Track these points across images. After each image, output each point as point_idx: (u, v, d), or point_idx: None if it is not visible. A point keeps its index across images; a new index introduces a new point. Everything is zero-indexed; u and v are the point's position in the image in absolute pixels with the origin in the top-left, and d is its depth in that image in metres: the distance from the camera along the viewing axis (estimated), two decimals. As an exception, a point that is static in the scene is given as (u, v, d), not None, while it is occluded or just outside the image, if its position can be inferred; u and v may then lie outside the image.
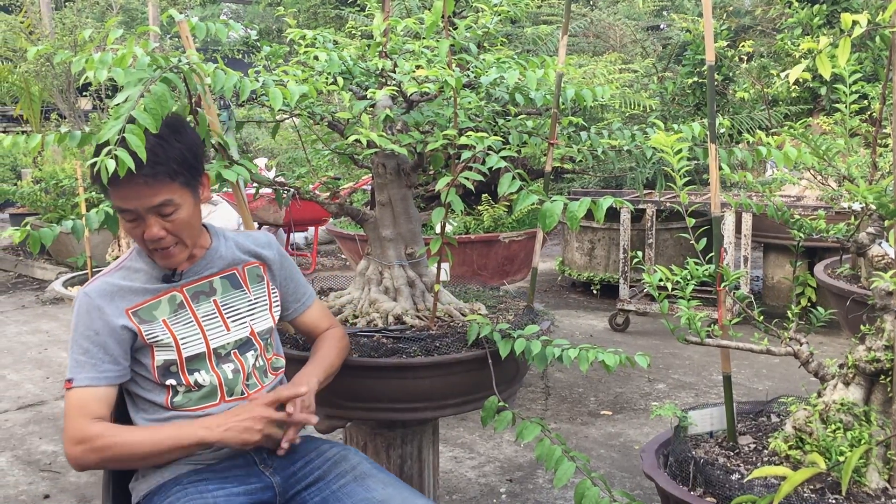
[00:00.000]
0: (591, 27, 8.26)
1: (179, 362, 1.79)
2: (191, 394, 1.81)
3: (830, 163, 2.49)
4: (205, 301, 1.85)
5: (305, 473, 1.86)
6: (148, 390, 1.81)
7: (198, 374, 1.81)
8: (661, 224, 5.88)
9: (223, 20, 2.01)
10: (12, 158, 10.38)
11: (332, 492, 1.82)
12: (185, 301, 1.83)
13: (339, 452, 1.90)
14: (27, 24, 9.25)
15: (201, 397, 1.82)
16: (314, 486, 1.84)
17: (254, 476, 1.82)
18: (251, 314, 1.91)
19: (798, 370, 2.12)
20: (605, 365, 1.98)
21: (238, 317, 1.89)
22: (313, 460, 1.88)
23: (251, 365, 1.88)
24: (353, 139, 2.05)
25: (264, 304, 1.94)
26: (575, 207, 1.83)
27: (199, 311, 1.84)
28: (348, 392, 2.12)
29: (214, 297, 1.87)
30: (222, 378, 1.83)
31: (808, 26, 5.91)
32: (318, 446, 1.92)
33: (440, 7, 2.00)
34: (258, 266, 1.97)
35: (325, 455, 1.89)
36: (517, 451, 3.56)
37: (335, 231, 4.96)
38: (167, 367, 1.79)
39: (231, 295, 1.89)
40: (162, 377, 1.79)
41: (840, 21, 1.73)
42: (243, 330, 1.88)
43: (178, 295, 1.83)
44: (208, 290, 1.87)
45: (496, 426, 2.05)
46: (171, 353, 1.78)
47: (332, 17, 10.19)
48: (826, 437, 1.88)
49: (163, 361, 1.78)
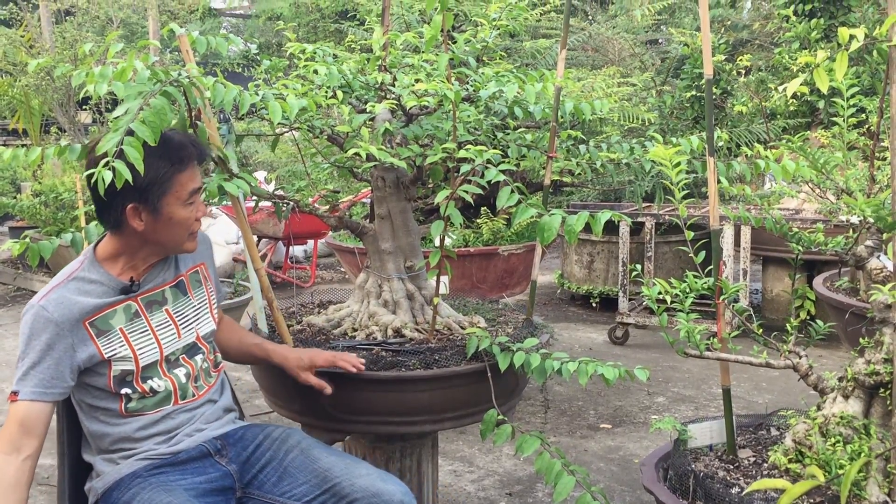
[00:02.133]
0: (589, 41, 8.29)
1: (136, 372, 1.84)
2: (146, 399, 1.87)
3: (829, 176, 2.50)
4: (157, 310, 1.91)
5: (258, 457, 1.96)
6: (99, 399, 1.85)
7: (151, 381, 1.87)
8: (660, 237, 5.88)
9: (223, 34, 2.02)
10: (12, 172, 10.38)
11: (285, 468, 1.93)
12: (140, 310, 1.88)
13: (283, 432, 2.01)
14: (28, 38, 9.28)
15: (157, 402, 1.88)
16: (269, 467, 1.95)
17: (210, 466, 1.91)
18: (197, 319, 1.99)
19: (798, 383, 2.12)
20: (605, 378, 1.98)
21: (186, 323, 1.96)
22: (262, 443, 1.98)
23: (199, 367, 1.97)
24: (352, 152, 2.06)
25: (206, 307, 2.03)
26: (573, 221, 1.83)
27: (154, 320, 1.89)
28: (347, 405, 2.12)
29: (166, 306, 1.93)
30: (176, 383, 1.90)
31: (805, 40, 5.94)
32: (264, 429, 2.02)
33: (439, 21, 2.01)
34: (198, 269, 2.03)
35: (271, 436, 1.99)
36: (517, 464, 3.55)
37: (334, 244, 4.96)
38: (123, 377, 1.84)
39: (180, 302, 1.96)
40: (117, 387, 1.84)
41: (837, 35, 1.74)
42: (190, 335, 1.96)
43: (134, 304, 1.88)
44: (161, 300, 1.93)
45: (495, 440, 2.05)
46: (129, 364, 1.83)
47: (332, 30, 10.24)
48: (826, 451, 1.88)
49: (119, 372, 1.83)
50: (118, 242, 1.86)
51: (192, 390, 1.94)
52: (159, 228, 1.82)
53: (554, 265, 7.73)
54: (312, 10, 10.90)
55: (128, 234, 1.83)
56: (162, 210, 1.79)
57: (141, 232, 1.81)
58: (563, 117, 2.28)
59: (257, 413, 4.09)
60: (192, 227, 1.87)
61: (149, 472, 1.83)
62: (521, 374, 2.17)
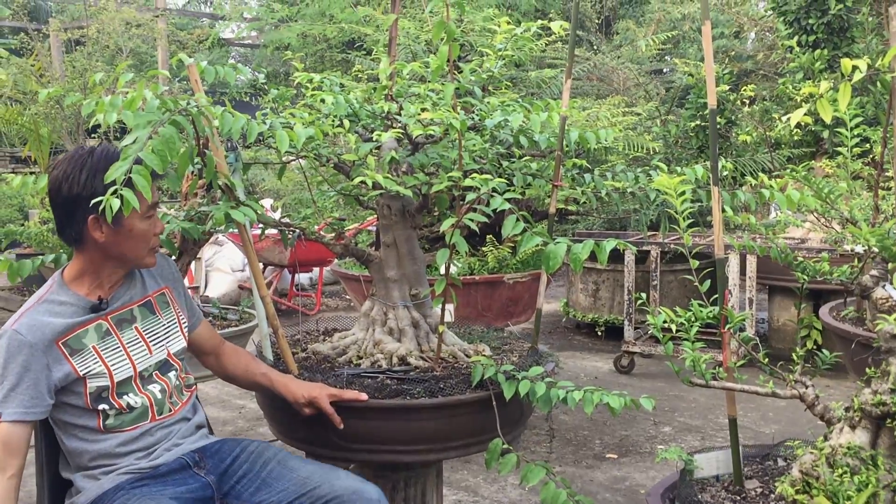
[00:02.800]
0: (594, 71, 8.34)
1: (111, 388, 1.89)
2: (123, 416, 1.92)
3: (833, 205, 2.50)
4: (128, 328, 1.97)
5: (235, 469, 2.02)
6: (77, 416, 1.90)
7: (127, 397, 1.92)
8: (665, 266, 5.88)
9: (231, 63, 2.04)
10: (20, 199, 10.44)
11: (262, 479, 1.99)
12: (111, 328, 1.94)
13: (259, 446, 2.08)
14: (38, 68, 9.37)
15: (134, 418, 1.93)
16: (245, 478, 2.01)
17: (190, 478, 1.97)
18: (167, 337, 2.05)
19: (805, 413, 2.11)
20: (610, 407, 1.97)
21: (157, 340, 2.02)
22: (238, 456, 2.04)
23: (173, 384, 2.03)
24: (359, 180, 2.07)
25: (175, 326, 2.08)
26: (578, 249, 1.84)
27: (125, 338, 1.95)
28: (352, 434, 2.11)
29: (136, 324, 1.99)
30: (152, 398, 1.96)
31: (809, 71, 5.97)
32: (240, 443, 2.09)
33: (445, 52, 2.03)
34: (164, 292, 2.09)
35: (248, 450, 2.06)
36: (521, 494, 3.53)
37: (340, 272, 4.97)
38: (99, 393, 1.89)
39: (149, 320, 2.02)
40: (94, 403, 1.88)
41: (841, 66, 1.75)
42: (161, 352, 2.02)
43: (104, 323, 1.93)
44: (130, 318, 1.98)
45: (501, 469, 2.04)
46: (104, 381, 1.89)
47: (339, 60, 10.32)
48: (833, 482, 1.87)
49: (95, 388, 1.88)
50: (82, 261, 1.92)
51: (168, 405, 2.00)
52: (120, 241, 1.88)
53: (559, 293, 7.72)
54: (320, 40, 11.00)
55: (90, 248, 1.90)
56: (122, 221, 1.84)
57: (102, 244, 1.88)
58: (568, 146, 2.29)
59: (261, 441, 4.07)
60: (152, 242, 1.94)
61: (131, 485, 1.89)
62: (527, 403, 2.16)
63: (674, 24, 10.62)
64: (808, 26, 6.10)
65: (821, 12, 6.02)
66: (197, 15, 18.29)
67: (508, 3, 9.99)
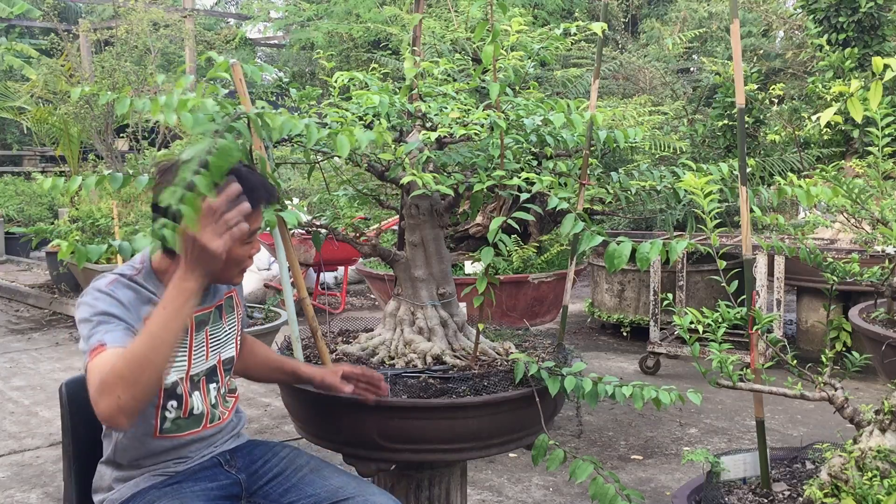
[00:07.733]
0: (620, 70, 8.31)
1: (185, 379, 1.88)
2: (180, 421, 1.89)
3: (864, 206, 2.47)
4: (200, 330, 1.94)
5: (265, 471, 2.03)
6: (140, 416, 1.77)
7: (192, 398, 1.90)
8: (691, 266, 5.84)
9: (253, 61, 2.05)
10: (50, 198, 10.59)
11: (293, 483, 1.99)
12: (190, 328, 1.89)
13: (291, 452, 2.08)
14: (68, 68, 9.49)
15: (189, 424, 1.91)
16: (275, 481, 2.01)
17: (221, 475, 1.98)
18: (224, 344, 2.01)
19: (834, 416, 2.09)
20: (658, 402, 1.98)
21: (215, 347, 1.98)
22: (269, 460, 2.05)
23: (221, 392, 2.00)
24: (407, 180, 2.06)
25: (234, 333, 2.05)
26: (646, 249, 1.81)
27: (196, 340, 1.92)
28: (396, 434, 2.11)
29: (207, 328, 1.96)
30: (209, 403, 1.95)
31: (839, 69, 5.90)
32: (272, 448, 2.09)
33: (490, 52, 2.02)
34: (232, 294, 2.06)
35: (279, 455, 2.06)
36: (546, 494, 3.52)
37: (365, 271, 4.99)
38: (174, 388, 1.86)
39: (216, 325, 1.99)
40: (166, 399, 1.85)
41: (872, 64, 1.73)
42: (214, 359, 1.98)
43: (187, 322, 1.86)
44: (206, 320, 1.95)
45: (549, 464, 2.05)
46: (181, 372, 1.87)
47: (364, 59, 10.36)
48: (862, 485, 1.85)
49: (170, 384, 1.84)
50: (172, 264, 1.81)
51: (218, 414, 1.99)
52: None
53: (584, 293, 7.69)
54: (346, 39, 11.05)
55: None
56: None
57: None
58: (594, 145, 2.28)
59: (287, 440, 4.10)
60: (245, 264, 1.87)
61: (164, 485, 1.90)
62: (560, 400, 2.16)
63: (700, 22, 10.56)
64: (837, 24, 6.04)
65: (851, 10, 5.95)
66: (224, 15, 18.45)
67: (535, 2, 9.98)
